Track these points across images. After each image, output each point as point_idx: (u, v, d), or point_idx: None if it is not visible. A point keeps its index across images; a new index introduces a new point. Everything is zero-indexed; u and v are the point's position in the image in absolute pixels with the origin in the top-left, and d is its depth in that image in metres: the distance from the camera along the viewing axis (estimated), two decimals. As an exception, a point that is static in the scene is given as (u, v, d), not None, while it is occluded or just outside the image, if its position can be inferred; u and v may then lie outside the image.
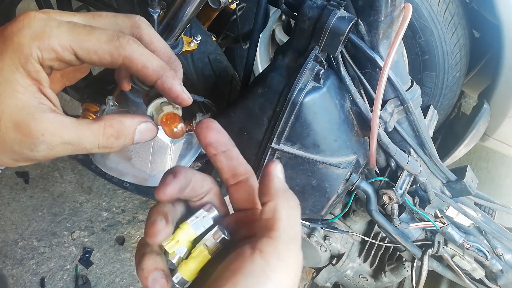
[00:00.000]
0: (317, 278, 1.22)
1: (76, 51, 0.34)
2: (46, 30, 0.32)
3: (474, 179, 0.94)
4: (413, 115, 0.82)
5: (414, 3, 1.33)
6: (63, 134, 0.34)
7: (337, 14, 0.66)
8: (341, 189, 0.86)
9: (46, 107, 0.34)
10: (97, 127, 0.36)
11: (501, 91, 1.47)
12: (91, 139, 0.36)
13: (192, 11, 0.82)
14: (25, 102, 0.33)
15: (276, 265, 0.30)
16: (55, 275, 1.59)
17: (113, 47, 0.34)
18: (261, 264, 0.30)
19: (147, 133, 0.39)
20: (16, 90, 0.33)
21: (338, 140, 0.80)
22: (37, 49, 0.32)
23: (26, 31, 0.32)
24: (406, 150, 0.86)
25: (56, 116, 0.34)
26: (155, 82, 0.37)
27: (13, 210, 1.69)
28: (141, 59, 0.35)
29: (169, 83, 0.37)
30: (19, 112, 0.33)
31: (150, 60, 0.36)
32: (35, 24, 0.33)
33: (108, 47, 0.34)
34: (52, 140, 0.34)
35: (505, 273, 1.01)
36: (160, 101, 0.40)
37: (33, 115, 0.33)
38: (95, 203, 1.78)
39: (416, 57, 1.46)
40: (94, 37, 0.34)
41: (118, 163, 0.88)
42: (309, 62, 0.71)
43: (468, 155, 1.79)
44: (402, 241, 0.97)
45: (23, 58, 0.32)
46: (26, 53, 0.32)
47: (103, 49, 0.34)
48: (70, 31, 0.33)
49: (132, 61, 0.35)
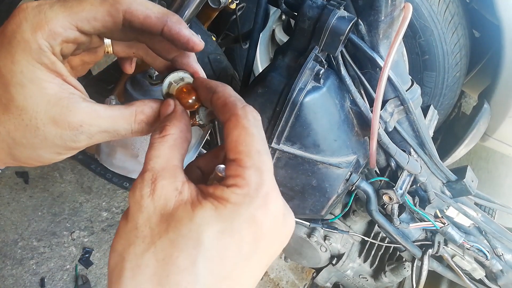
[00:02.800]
0: (317, 278, 1.22)
1: (77, 25, 0.33)
2: (41, 16, 0.32)
3: (474, 179, 0.94)
4: (413, 115, 0.82)
5: (414, 3, 1.33)
6: (100, 123, 0.35)
7: (337, 14, 0.66)
8: (341, 189, 0.86)
9: (77, 97, 0.34)
10: (128, 113, 0.36)
11: (501, 91, 1.47)
12: (125, 126, 0.36)
13: (192, 11, 0.81)
14: (55, 97, 0.33)
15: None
16: (55, 275, 1.59)
17: (108, 5, 0.34)
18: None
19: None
20: (43, 87, 0.33)
21: (338, 140, 0.80)
22: (42, 40, 0.32)
23: (25, 25, 0.32)
24: (406, 150, 0.86)
25: (89, 105, 0.34)
26: (162, 31, 0.36)
27: (13, 210, 1.69)
28: (141, 7, 0.34)
29: (176, 28, 0.36)
30: (53, 107, 0.33)
31: (150, 7, 0.35)
32: (30, 14, 0.32)
33: (105, 7, 0.34)
34: (91, 130, 0.34)
35: (505, 273, 1.00)
36: (172, 78, 0.40)
37: (68, 108, 0.33)
38: (95, 203, 1.78)
39: (416, 57, 1.46)
40: (87, 3, 0.33)
41: (125, 161, 0.87)
42: (309, 62, 0.70)
43: (468, 155, 1.79)
44: (402, 241, 0.97)
45: (35, 54, 0.32)
46: (35, 48, 0.32)
47: (101, 11, 0.33)
48: (62, 8, 0.33)
49: (133, 12, 0.34)
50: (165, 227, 0.29)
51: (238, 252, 0.29)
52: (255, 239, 0.29)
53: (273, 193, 0.30)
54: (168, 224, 0.29)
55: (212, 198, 0.29)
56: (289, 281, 1.77)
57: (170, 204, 0.30)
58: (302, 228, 1.07)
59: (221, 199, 0.29)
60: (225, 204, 0.29)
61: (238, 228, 0.29)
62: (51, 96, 0.33)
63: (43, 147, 0.35)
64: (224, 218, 0.29)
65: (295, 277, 1.78)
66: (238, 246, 0.29)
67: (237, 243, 0.29)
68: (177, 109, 0.36)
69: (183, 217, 0.29)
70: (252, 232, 0.29)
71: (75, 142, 0.35)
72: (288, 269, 1.79)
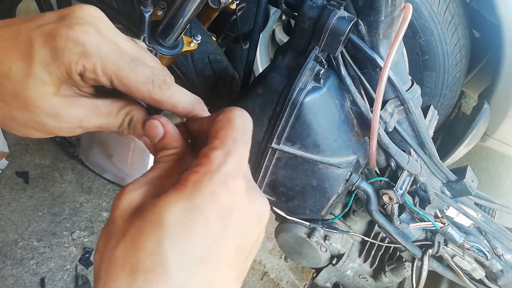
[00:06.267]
0: (317, 278, 1.22)
1: (113, 81, 0.35)
2: (95, 53, 0.34)
3: (474, 179, 0.94)
4: (413, 115, 0.82)
5: (414, 3, 1.33)
6: (97, 121, 0.38)
7: (337, 14, 0.66)
8: (341, 189, 0.86)
9: (82, 95, 0.37)
10: (121, 114, 0.38)
11: (501, 91, 1.47)
12: (114, 124, 0.39)
13: (192, 11, 0.82)
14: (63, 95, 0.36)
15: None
16: (55, 275, 1.59)
17: (146, 90, 0.36)
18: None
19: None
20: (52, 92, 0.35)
21: (338, 140, 0.80)
22: (81, 66, 0.34)
23: (78, 49, 0.34)
24: (406, 150, 0.86)
25: (92, 101, 0.37)
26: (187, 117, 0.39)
27: (13, 210, 1.69)
28: (170, 101, 0.37)
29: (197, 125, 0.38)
30: (57, 105, 0.36)
31: (179, 100, 0.37)
32: (89, 41, 0.34)
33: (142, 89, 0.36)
34: (89, 125, 0.38)
35: (505, 273, 1.00)
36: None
37: (69, 102, 0.36)
38: (95, 203, 1.78)
39: (416, 57, 1.46)
40: (134, 77, 0.35)
41: (100, 159, 0.87)
42: (309, 62, 0.70)
43: (468, 155, 1.80)
44: (402, 241, 0.97)
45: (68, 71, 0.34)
46: (72, 68, 0.34)
47: (138, 89, 0.36)
48: (116, 62, 0.35)
49: (162, 103, 0.37)
50: (134, 217, 0.30)
51: (205, 230, 0.29)
52: (220, 216, 0.30)
53: (235, 173, 0.30)
54: (137, 214, 0.30)
55: (177, 183, 0.30)
56: (289, 281, 1.77)
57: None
58: (302, 228, 1.07)
59: (184, 180, 0.30)
60: (186, 184, 0.30)
61: (200, 205, 0.29)
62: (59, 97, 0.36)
63: (37, 130, 0.37)
64: (185, 197, 0.29)
65: (295, 277, 1.78)
66: (204, 224, 0.29)
67: (202, 220, 0.29)
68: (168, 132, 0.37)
69: (148, 204, 0.30)
70: (215, 208, 0.29)
71: (71, 133, 0.38)
72: (288, 269, 1.79)
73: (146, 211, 0.30)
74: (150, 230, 0.29)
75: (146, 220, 0.29)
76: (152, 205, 0.30)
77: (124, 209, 0.31)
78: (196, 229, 0.29)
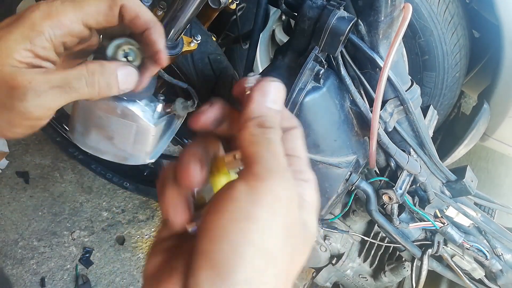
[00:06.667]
0: (317, 278, 1.22)
1: (83, 20, 0.37)
2: (53, 9, 0.36)
3: (474, 179, 0.94)
4: (413, 115, 0.82)
5: (414, 3, 1.33)
6: (50, 78, 0.37)
7: (337, 14, 0.66)
8: (341, 189, 0.86)
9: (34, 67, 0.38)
10: (80, 66, 0.39)
11: (501, 91, 1.47)
12: (78, 77, 0.38)
13: (192, 11, 0.82)
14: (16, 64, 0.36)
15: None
16: (55, 275, 1.59)
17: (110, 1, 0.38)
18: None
19: (129, 78, 0.41)
20: (13, 56, 0.36)
21: (338, 140, 0.80)
22: (49, 28, 0.36)
23: (37, 13, 0.36)
24: (406, 150, 0.86)
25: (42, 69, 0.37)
26: (143, 32, 0.41)
27: (13, 210, 1.69)
28: (134, 7, 0.39)
29: (156, 36, 0.41)
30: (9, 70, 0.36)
31: (142, 11, 0.40)
32: (43, 6, 0.36)
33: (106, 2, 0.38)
34: (40, 86, 0.36)
35: (504, 273, 1.01)
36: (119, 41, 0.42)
37: (20, 70, 0.36)
38: (95, 203, 1.79)
39: (416, 57, 1.46)
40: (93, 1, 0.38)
41: (99, 142, 0.87)
42: (309, 62, 0.71)
43: (468, 155, 1.79)
44: (402, 241, 0.97)
45: (33, 34, 0.36)
46: (38, 30, 0.36)
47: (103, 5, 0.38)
48: (72, 4, 0.37)
49: (127, 9, 0.39)
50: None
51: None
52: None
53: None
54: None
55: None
56: (289, 281, 1.77)
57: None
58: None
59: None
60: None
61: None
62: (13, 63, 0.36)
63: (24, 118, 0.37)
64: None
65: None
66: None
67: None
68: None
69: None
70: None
71: (22, 101, 0.36)
72: (288, 269, 1.79)
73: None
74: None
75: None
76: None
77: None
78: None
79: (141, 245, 1.71)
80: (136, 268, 1.66)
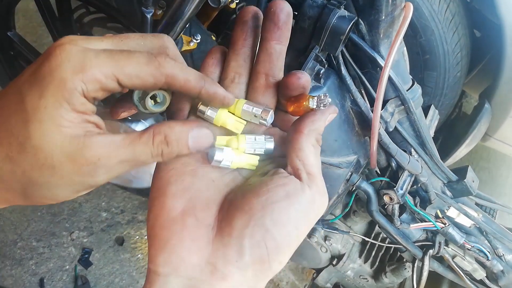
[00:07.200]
0: (318, 279, 1.22)
1: (118, 78, 0.33)
2: (86, 61, 0.32)
3: (475, 179, 0.93)
4: (414, 115, 0.81)
5: (415, 3, 1.33)
6: (118, 154, 0.34)
7: (338, 13, 0.66)
8: (342, 190, 0.86)
9: (94, 133, 0.34)
10: (146, 136, 0.35)
11: (502, 90, 1.46)
12: (144, 150, 0.35)
13: (191, 10, 0.81)
14: (72, 134, 0.33)
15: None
16: (54, 276, 1.59)
17: (153, 67, 0.34)
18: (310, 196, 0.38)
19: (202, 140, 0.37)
20: (62, 125, 0.32)
21: (338, 140, 0.79)
22: (81, 82, 0.32)
23: (66, 65, 0.32)
24: (407, 150, 0.86)
25: (106, 137, 0.34)
26: (199, 93, 0.38)
27: (12, 210, 1.69)
28: (182, 74, 0.36)
29: (212, 89, 0.39)
30: (69, 145, 0.33)
31: (190, 73, 0.37)
32: (74, 57, 0.32)
33: (149, 69, 0.34)
34: (109, 162, 0.34)
35: (506, 274, 1.00)
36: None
37: (84, 143, 0.33)
38: (94, 203, 1.78)
39: (417, 56, 1.46)
40: (134, 61, 0.34)
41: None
42: (309, 61, 0.70)
43: (469, 155, 1.79)
44: (403, 242, 0.97)
45: (67, 93, 0.32)
46: (70, 88, 0.32)
47: (145, 71, 0.34)
48: (109, 59, 0.33)
49: (174, 77, 0.35)
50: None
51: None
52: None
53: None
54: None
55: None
56: (289, 281, 1.76)
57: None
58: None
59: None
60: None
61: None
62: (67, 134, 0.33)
63: (60, 186, 0.34)
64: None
65: (295, 278, 1.77)
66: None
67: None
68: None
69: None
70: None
71: (93, 177, 0.34)
72: (288, 269, 1.79)
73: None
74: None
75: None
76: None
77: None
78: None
79: (141, 246, 1.71)
80: (135, 268, 1.66)
